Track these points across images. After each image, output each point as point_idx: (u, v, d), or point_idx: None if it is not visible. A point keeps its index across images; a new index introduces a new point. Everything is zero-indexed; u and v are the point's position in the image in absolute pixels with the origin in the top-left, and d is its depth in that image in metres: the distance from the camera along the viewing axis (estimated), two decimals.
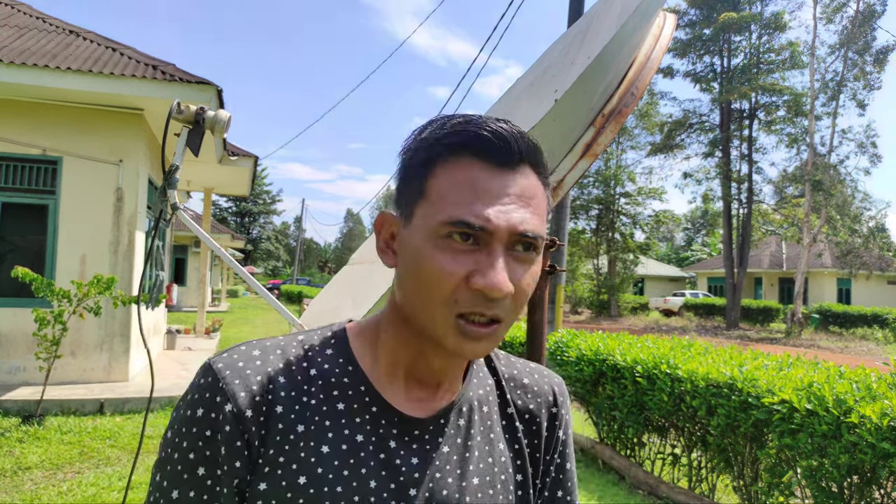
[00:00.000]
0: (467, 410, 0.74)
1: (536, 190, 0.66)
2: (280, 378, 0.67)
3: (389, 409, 0.69)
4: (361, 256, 3.25)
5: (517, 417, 0.79)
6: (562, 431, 0.82)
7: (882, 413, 2.50)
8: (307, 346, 0.71)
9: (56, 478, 4.37)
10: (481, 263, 0.62)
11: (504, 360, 0.84)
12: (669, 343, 4.60)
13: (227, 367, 0.66)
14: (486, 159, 0.64)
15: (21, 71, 6.22)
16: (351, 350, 0.72)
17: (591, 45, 1.72)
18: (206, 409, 0.64)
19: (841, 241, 24.75)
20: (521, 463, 0.77)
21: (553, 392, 0.83)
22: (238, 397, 0.64)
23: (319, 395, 0.68)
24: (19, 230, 6.98)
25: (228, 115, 2.85)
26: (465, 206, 0.62)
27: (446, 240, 0.62)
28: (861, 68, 23.23)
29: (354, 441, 0.67)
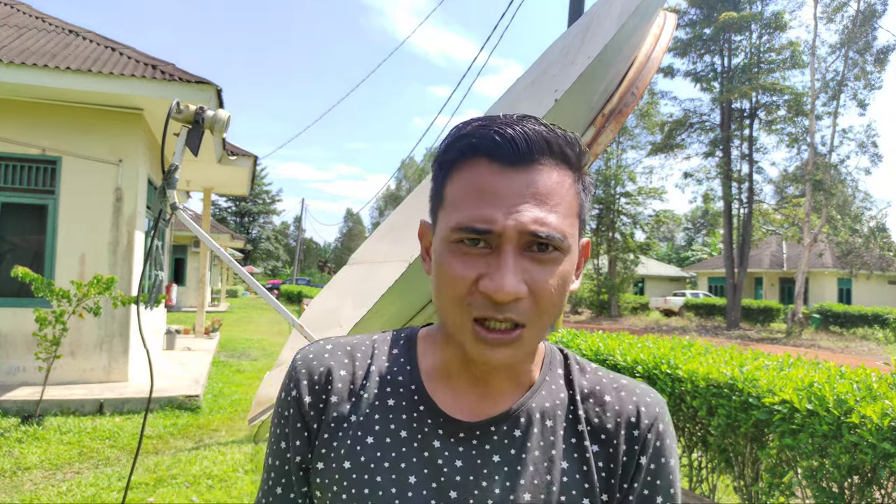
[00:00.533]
0: (525, 422, 0.71)
1: (558, 186, 0.63)
2: (341, 371, 0.73)
3: (435, 409, 0.70)
4: (361, 256, 3.25)
5: (588, 436, 0.72)
6: (646, 458, 0.71)
7: (883, 413, 2.50)
8: (377, 346, 0.77)
9: (55, 478, 4.36)
10: (491, 267, 0.61)
11: (590, 373, 0.77)
12: (670, 343, 4.59)
13: (302, 358, 0.75)
14: (495, 160, 0.62)
15: (20, 71, 6.21)
16: (416, 351, 0.76)
17: (592, 45, 1.72)
18: (285, 393, 0.74)
19: (842, 240, 24.75)
20: (588, 487, 0.69)
21: (637, 412, 0.73)
22: (301, 385, 0.73)
23: (374, 389, 0.72)
24: (18, 230, 6.97)
25: (228, 115, 2.85)
26: (472, 210, 0.62)
27: (458, 245, 0.63)
28: (862, 68, 23.22)
29: (398, 436, 0.69)
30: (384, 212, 65.91)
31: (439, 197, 0.67)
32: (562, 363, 0.77)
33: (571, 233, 0.65)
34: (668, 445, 0.73)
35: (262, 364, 9.97)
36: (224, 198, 57.03)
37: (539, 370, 0.75)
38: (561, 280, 0.64)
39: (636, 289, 41.79)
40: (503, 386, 0.72)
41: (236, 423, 6.07)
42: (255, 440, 5.32)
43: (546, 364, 0.76)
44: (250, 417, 2.67)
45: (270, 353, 11.29)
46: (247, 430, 5.75)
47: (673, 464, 0.73)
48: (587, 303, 33.72)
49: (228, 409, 6.61)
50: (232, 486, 4.30)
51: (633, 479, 0.71)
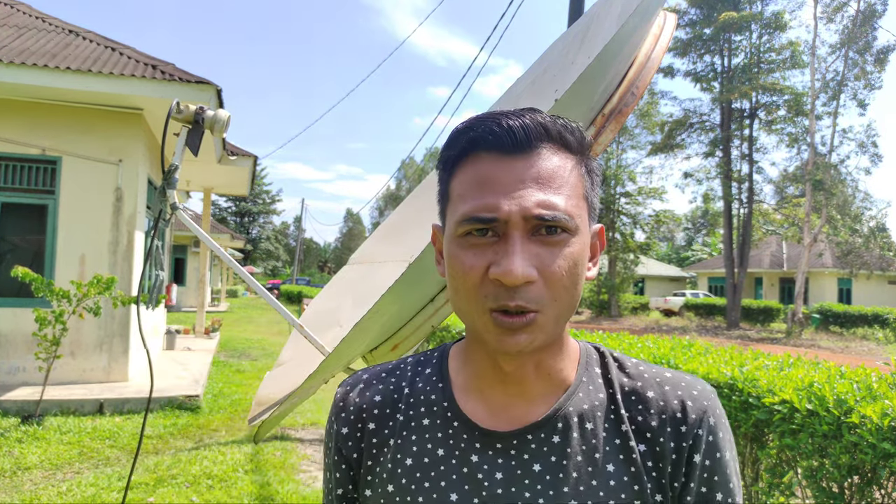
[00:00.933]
0: (564, 427, 0.68)
1: (559, 169, 0.64)
2: (376, 398, 0.75)
3: (469, 423, 0.70)
4: (361, 256, 3.25)
5: (633, 436, 0.68)
6: (700, 455, 0.67)
7: (883, 413, 2.50)
8: (410, 368, 0.78)
9: (55, 478, 4.36)
10: (499, 254, 0.61)
11: (632, 368, 0.74)
12: (670, 343, 4.59)
13: (341, 391, 0.78)
14: (495, 151, 0.63)
15: (20, 71, 6.21)
16: (447, 368, 0.76)
17: (592, 45, 1.71)
18: (328, 427, 0.78)
19: (842, 240, 24.74)
20: (639, 488, 0.66)
21: (683, 407, 0.69)
22: (340, 417, 0.76)
23: (409, 411, 0.73)
24: (19, 230, 6.97)
25: (228, 115, 2.85)
26: (476, 201, 0.62)
27: (466, 238, 0.63)
28: (862, 68, 23.20)
29: (435, 455, 0.70)
30: (384, 212, 65.90)
31: (445, 196, 0.68)
32: (598, 361, 0.75)
33: (578, 213, 0.64)
34: (721, 439, 0.69)
35: (263, 364, 9.97)
36: (224, 198, 57.03)
37: (575, 371, 0.72)
38: (572, 262, 0.63)
39: (636, 289, 41.79)
40: (537, 388, 0.70)
41: (236, 423, 6.07)
42: (255, 440, 5.32)
43: (582, 364, 0.73)
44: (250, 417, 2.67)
45: (270, 353, 11.29)
46: (247, 430, 5.75)
47: (729, 457, 0.69)
48: (587, 303, 33.71)
49: (228, 410, 6.61)
50: (232, 486, 4.30)
51: (688, 477, 0.67)
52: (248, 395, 7.25)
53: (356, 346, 2.31)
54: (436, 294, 2.18)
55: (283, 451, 5.21)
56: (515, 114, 0.64)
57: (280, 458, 5.03)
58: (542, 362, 0.69)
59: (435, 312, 2.22)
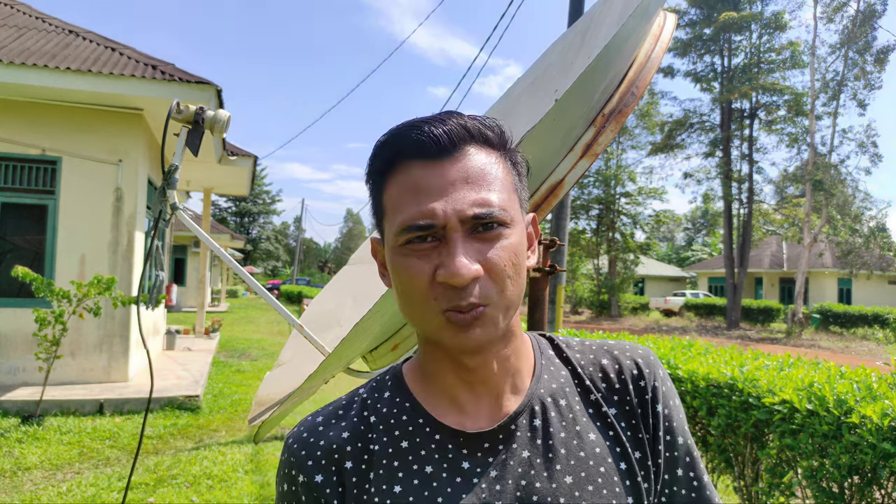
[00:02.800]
0: (540, 409, 0.71)
1: (488, 166, 0.65)
2: (344, 434, 0.71)
3: (451, 431, 0.69)
4: (361, 256, 3.25)
5: (605, 402, 0.73)
6: (660, 406, 0.73)
7: (883, 413, 2.49)
8: (366, 396, 0.75)
9: (55, 478, 4.36)
10: (443, 256, 0.62)
11: (578, 346, 0.79)
12: (670, 343, 4.59)
13: (295, 441, 0.71)
14: (422, 158, 0.64)
15: (20, 71, 6.21)
16: (406, 386, 0.74)
17: (592, 45, 1.71)
18: (287, 483, 0.70)
19: (842, 240, 24.72)
20: (621, 449, 0.70)
21: (636, 365, 0.75)
22: (306, 467, 0.69)
23: (382, 438, 0.70)
24: (19, 230, 6.97)
25: (228, 115, 2.85)
26: (412, 209, 0.63)
27: (408, 246, 0.64)
28: (861, 68, 23.19)
29: (424, 473, 0.67)
30: None
31: (380, 208, 0.68)
32: (549, 345, 0.79)
33: (511, 206, 0.66)
34: (670, 387, 0.76)
35: (263, 364, 9.97)
36: (224, 198, 57.02)
37: (532, 358, 0.75)
38: (512, 253, 0.64)
39: (636, 289, 41.78)
40: (503, 382, 0.71)
41: (236, 424, 6.07)
42: (255, 440, 5.31)
43: (536, 350, 0.77)
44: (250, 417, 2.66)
45: (270, 353, 11.29)
46: (247, 430, 5.75)
47: (678, 403, 0.76)
48: (587, 303, 33.71)
49: (228, 410, 6.61)
50: (232, 486, 4.30)
51: (655, 427, 0.73)
52: (248, 395, 7.25)
53: (356, 346, 2.31)
54: None
55: None
56: (435, 119, 0.65)
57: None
58: (502, 354, 0.71)
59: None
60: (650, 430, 0.73)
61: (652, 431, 0.73)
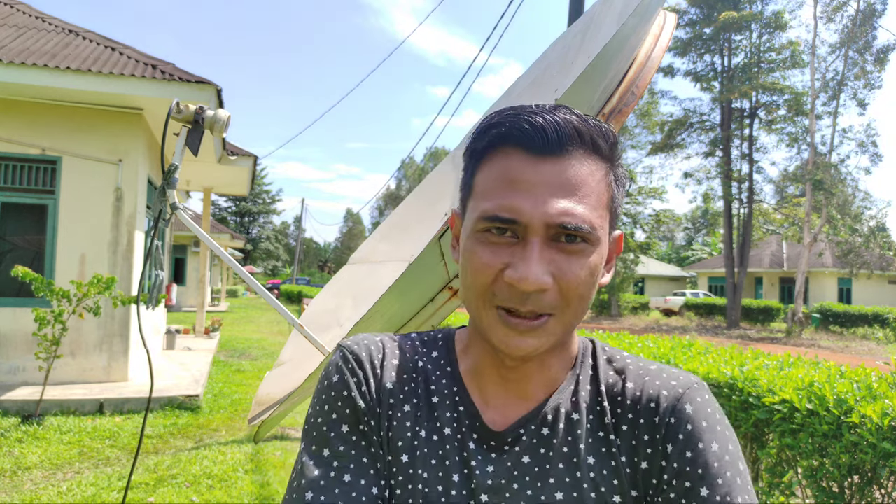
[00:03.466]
0: (552, 419, 0.69)
1: (588, 177, 0.62)
2: (394, 361, 0.73)
3: (473, 412, 0.70)
4: (361, 256, 3.25)
5: (613, 429, 0.68)
6: (673, 447, 0.64)
7: (883, 413, 2.49)
8: (421, 345, 0.76)
9: (55, 478, 4.36)
10: (517, 256, 0.60)
11: (619, 362, 0.73)
12: (670, 343, 4.59)
13: (353, 341, 0.74)
14: (524, 149, 0.61)
15: (20, 70, 6.21)
16: (455, 353, 0.75)
17: (592, 45, 1.71)
18: (339, 374, 0.71)
19: (842, 240, 24.72)
20: (618, 482, 0.65)
21: (657, 397, 0.67)
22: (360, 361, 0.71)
23: (422, 384, 0.72)
24: (18, 230, 6.97)
25: (228, 115, 2.85)
26: (498, 200, 0.61)
27: (485, 234, 0.62)
28: (861, 67, 23.20)
29: (442, 433, 0.69)
30: (384, 212, 65.90)
31: (468, 186, 0.67)
32: (591, 355, 0.75)
33: (601, 224, 0.63)
34: (703, 428, 0.64)
35: (263, 364, 9.97)
36: (224, 197, 57.02)
37: (570, 366, 0.73)
38: (588, 272, 0.62)
39: (636, 288, 41.77)
40: (535, 385, 0.70)
41: (236, 423, 6.07)
42: (255, 440, 5.31)
43: (578, 360, 0.73)
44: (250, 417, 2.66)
45: (271, 353, 11.29)
46: (247, 429, 5.75)
47: (717, 448, 0.63)
48: None
49: (228, 409, 6.61)
50: (232, 486, 4.30)
51: (666, 471, 0.64)
52: (248, 395, 7.25)
53: None
54: (436, 294, 2.18)
55: (283, 451, 5.21)
56: (548, 111, 0.62)
57: (280, 457, 5.03)
58: (546, 361, 0.70)
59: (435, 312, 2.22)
60: (657, 474, 0.65)
61: (659, 475, 0.64)
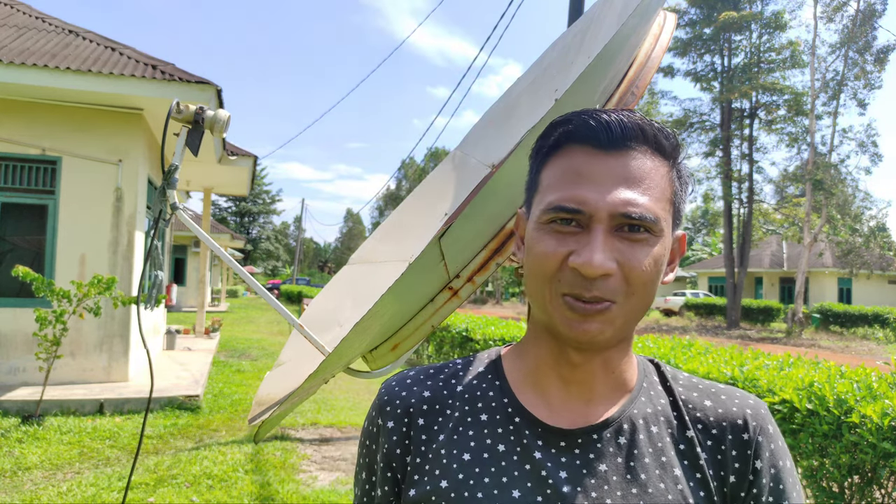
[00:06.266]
0: (629, 429, 0.68)
1: (651, 172, 0.64)
2: (425, 393, 0.74)
3: (531, 418, 0.69)
4: (361, 256, 3.25)
5: (699, 443, 0.69)
6: (761, 462, 0.68)
7: (883, 413, 2.50)
8: (460, 366, 0.77)
9: (56, 478, 4.36)
10: (582, 244, 0.62)
11: (684, 380, 0.75)
12: (670, 343, 4.59)
13: (385, 387, 0.76)
14: (590, 144, 0.63)
15: (20, 71, 6.21)
16: (502, 367, 0.75)
17: (591, 45, 1.71)
18: (369, 423, 0.75)
19: (842, 240, 24.72)
20: (706, 495, 0.66)
21: (744, 416, 0.70)
22: (386, 412, 0.73)
23: (464, 407, 0.72)
24: (19, 230, 6.97)
25: (228, 115, 2.85)
26: (565, 192, 0.63)
27: (550, 225, 0.64)
28: (862, 67, 23.19)
29: (496, 450, 0.68)
30: (384, 212, 65.91)
31: (534, 183, 0.69)
32: (654, 371, 0.76)
33: (664, 216, 0.64)
34: (780, 447, 0.71)
35: (263, 364, 9.97)
36: (224, 198, 57.03)
37: (636, 376, 0.73)
38: (653, 261, 0.63)
39: None
40: (599, 389, 0.70)
41: (236, 423, 6.07)
42: (255, 440, 5.31)
43: (641, 372, 0.74)
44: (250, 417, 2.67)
45: (271, 353, 11.29)
46: (247, 430, 5.75)
47: (790, 465, 0.70)
48: None
49: (229, 409, 6.61)
50: (232, 486, 4.30)
51: (752, 485, 0.67)
52: (249, 395, 7.25)
53: (356, 346, 2.31)
54: (436, 294, 2.17)
55: (283, 451, 5.21)
56: (613, 111, 0.65)
57: (280, 458, 5.03)
58: (610, 361, 0.70)
59: (435, 312, 2.21)
60: (745, 487, 0.67)
61: (747, 490, 0.67)
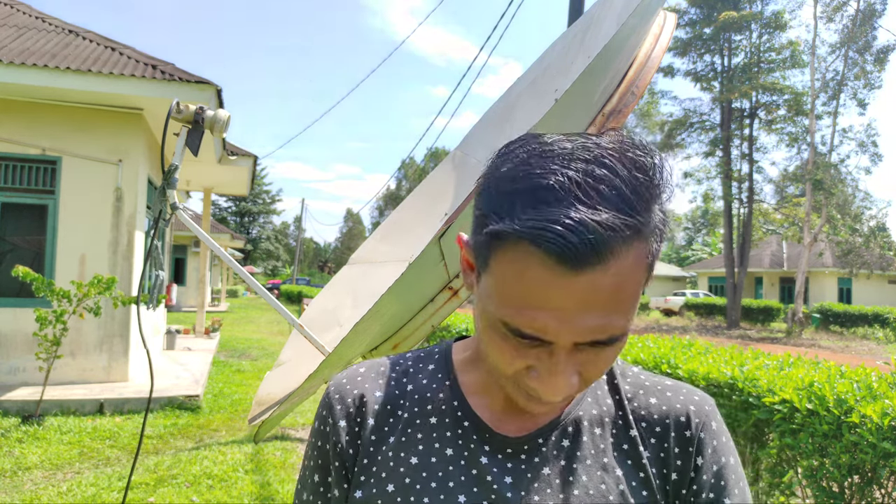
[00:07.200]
0: (573, 431, 0.68)
1: (626, 278, 0.51)
2: (376, 393, 0.71)
3: (481, 424, 0.68)
4: (361, 256, 3.25)
5: (641, 441, 0.68)
6: (702, 459, 0.67)
7: (883, 413, 2.50)
8: (412, 364, 0.75)
9: (56, 478, 4.37)
10: (542, 362, 0.56)
11: (632, 377, 0.74)
12: (670, 343, 4.59)
13: (335, 384, 0.73)
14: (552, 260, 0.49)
15: (20, 71, 6.21)
16: (453, 365, 0.73)
17: (591, 45, 1.72)
18: (319, 422, 0.72)
19: (842, 240, 24.73)
20: (647, 494, 0.66)
21: (687, 413, 0.69)
22: (335, 411, 0.70)
23: (413, 408, 0.70)
24: (19, 230, 6.97)
25: (228, 115, 2.85)
26: (522, 314, 0.52)
27: (505, 333, 0.55)
28: (861, 67, 23.20)
29: (444, 454, 0.67)
30: (384, 212, 65.94)
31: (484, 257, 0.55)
32: None
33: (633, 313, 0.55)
34: (724, 443, 0.69)
35: (263, 364, 9.97)
36: (224, 198, 57.04)
37: None
38: (613, 358, 0.57)
39: None
40: None
41: (236, 423, 6.07)
42: (255, 440, 5.31)
43: None
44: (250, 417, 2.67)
45: (271, 353, 11.29)
46: (247, 429, 5.75)
47: (734, 462, 0.69)
48: None
49: (229, 409, 6.61)
50: (232, 486, 4.30)
51: (693, 482, 0.67)
52: (249, 395, 7.25)
53: (356, 346, 2.31)
54: (436, 294, 2.18)
55: (283, 451, 5.21)
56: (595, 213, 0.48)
57: (280, 457, 5.03)
58: None
59: (435, 312, 2.22)
60: (686, 484, 0.67)
61: (688, 487, 0.67)
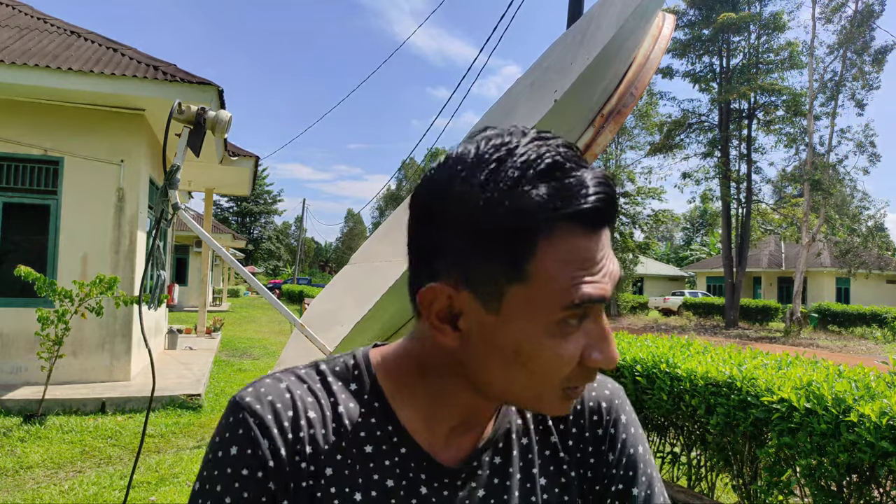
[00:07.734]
0: (504, 446, 0.66)
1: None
2: (311, 413, 0.61)
3: (419, 451, 0.63)
4: (362, 256, 3.27)
5: (561, 445, 0.68)
6: (613, 455, 0.68)
7: (881, 412, 2.51)
8: (330, 380, 0.64)
9: (57, 477, 4.38)
10: (592, 335, 0.56)
11: None
12: (669, 342, 4.60)
13: (254, 398, 0.60)
14: (586, 224, 0.54)
15: (22, 72, 6.23)
16: (380, 387, 0.64)
17: (591, 46, 1.73)
18: (239, 446, 0.58)
19: (840, 240, 24.75)
20: (569, 499, 0.66)
21: (598, 408, 0.69)
22: (272, 435, 0.58)
23: (349, 435, 0.61)
24: (21, 230, 6.99)
25: (229, 116, 2.87)
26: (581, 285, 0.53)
27: (560, 324, 0.54)
28: (860, 68, 23.23)
29: (385, 486, 0.61)
30: (385, 212, 65.91)
31: (512, 272, 0.53)
32: None
33: None
34: (633, 434, 0.70)
35: (264, 363, 9.99)
36: (226, 198, 57.03)
37: None
38: None
39: (635, 288, 41.81)
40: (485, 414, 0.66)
41: None
42: None
43: None
44: None
45: (272, 353, 11.30)
46: None
47: (642, 451, 0.70)
48: None
49: None
50: None
51: (604, 477, 0.68)
52: None
53: (357, 345, 2.32)
54: None
55: None
56: (606, 179, 0.56)
57: None
58: None
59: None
60: (600, 480, 0.68)
61: (601, 481, 0.68)
